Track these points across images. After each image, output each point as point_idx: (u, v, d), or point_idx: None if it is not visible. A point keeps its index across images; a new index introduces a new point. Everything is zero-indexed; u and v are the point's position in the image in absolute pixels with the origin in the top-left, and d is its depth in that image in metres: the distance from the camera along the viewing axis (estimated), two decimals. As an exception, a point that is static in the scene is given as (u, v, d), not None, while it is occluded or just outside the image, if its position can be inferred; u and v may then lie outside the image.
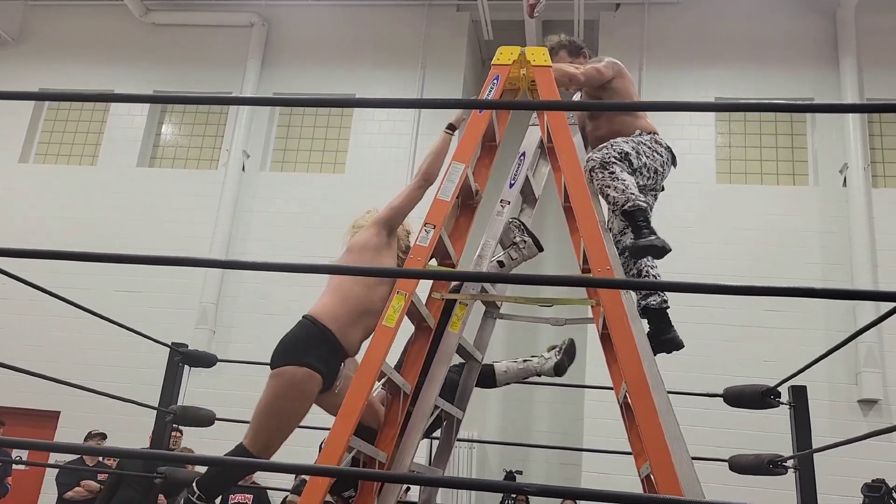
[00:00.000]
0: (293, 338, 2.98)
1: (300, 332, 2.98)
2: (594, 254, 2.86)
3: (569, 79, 3.64)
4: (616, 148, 3.48)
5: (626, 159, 3.47)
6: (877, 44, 9.19)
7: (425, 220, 2.94)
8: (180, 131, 10.69)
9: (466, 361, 3.51)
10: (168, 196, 9.89)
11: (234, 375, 8.30)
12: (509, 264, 3.36)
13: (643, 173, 3.55)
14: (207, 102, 2.26)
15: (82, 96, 2.14)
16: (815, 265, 8.50)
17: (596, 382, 6.21)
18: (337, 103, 1.91)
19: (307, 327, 2.98)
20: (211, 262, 4.76)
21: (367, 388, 2.52)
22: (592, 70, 3.68)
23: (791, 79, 9.31)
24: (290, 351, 2.92)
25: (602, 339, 2.92)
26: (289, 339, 2.99)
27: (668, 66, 9.53)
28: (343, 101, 1.96)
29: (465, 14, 10.26)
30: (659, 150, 3.63)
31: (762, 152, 9.29)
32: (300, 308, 8.53)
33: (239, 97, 10.07)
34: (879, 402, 7.86)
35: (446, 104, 2.10)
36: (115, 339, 8.01)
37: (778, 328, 8.15)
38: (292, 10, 10.59)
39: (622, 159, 3.46)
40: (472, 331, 3.56)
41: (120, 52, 10.73)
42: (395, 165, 9.61)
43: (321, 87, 10.19)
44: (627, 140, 3.56)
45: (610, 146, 3.49)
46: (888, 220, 8.48)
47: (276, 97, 9.99)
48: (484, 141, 3.48)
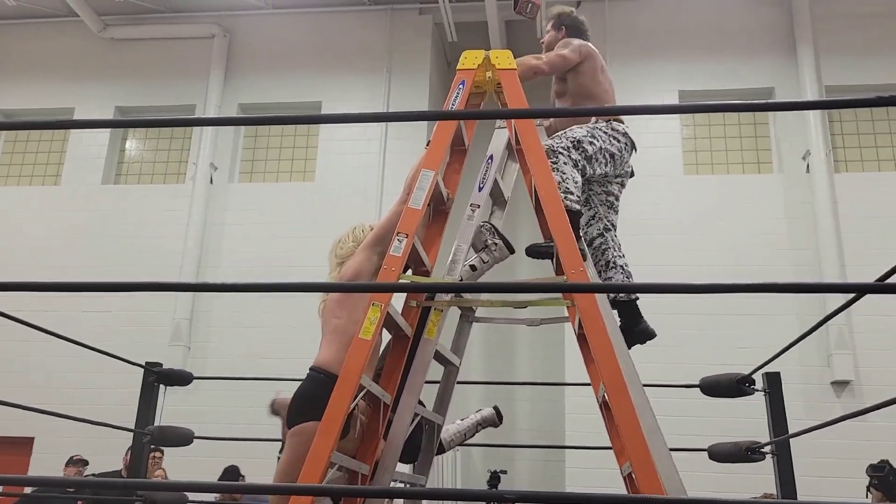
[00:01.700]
0: (306, 393, 2.94)
1: (312, 386, 2.94)
2: (566, 255, 2.88)
3: (533, 72, 3.67)
4: (568, 135, 3.53)
5: (578, 146, 3.50)
6: (832, 31, 9.37)
7: (397, 230, 2.94)
8: (145, 146, 10.57)
9: (445, 367, 3.51)
10: (136, 213, 9.77)
11: (211, 392, 8.24)
12: (482, 267, 3.37)
13: (599, 159, 3.58)
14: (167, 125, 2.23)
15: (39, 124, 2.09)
16: (784, 251, 8.64)
17: (575, 379, 6.26)
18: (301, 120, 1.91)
19: (317, 380, 2.94)
20: (180, 286, 4.71)
21: (347, 402, 2.52)
22: (556, 58, 3.71)
23: (752, 68, 9.45)
24: (307, 406, 2.87)
25: (579, 338, 2.94)
26: (302, 395, 2.95)
27: (632, 59, 9.63)
28: (308, 118, 1.96)
29: (428, 17, 10.27)
30: (616, 135, 3.66)
31: (727, 142, 9.43)
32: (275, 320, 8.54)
33: (201, 118, 9.97)
34: (851, 383, 8.01)
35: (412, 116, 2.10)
36: (87, 361, 7.89)
37: (750, 315, 8.27)
38: (253, 19, 10.52)
39: (574, 147, 3.50)
40: (448, 336, 3.57)
41: (80, 69, 10.59)
42: (366, 171, 9.60)
43: (287, 95, 10.15)
44: (583, 126, 3.61)
45: (563, 134, 3.54)
46: (851, 203, 8.65)
47: (237, 117, 9.94)
48: (453, 146, 3.48)
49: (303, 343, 4.51)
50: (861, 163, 9.12)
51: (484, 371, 9.82)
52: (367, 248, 3.17)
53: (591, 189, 3.77)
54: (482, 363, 9.89)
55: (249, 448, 6.23)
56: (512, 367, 9.87)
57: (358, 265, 3.14)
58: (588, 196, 3.76)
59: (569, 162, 3.47)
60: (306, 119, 1.88)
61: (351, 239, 3.38)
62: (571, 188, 3.40)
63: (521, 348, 9.94)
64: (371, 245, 3.17)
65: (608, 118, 3.69)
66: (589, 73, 3.77)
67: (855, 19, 9.38)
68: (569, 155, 3.50)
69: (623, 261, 3.71)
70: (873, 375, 8.02)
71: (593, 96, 3.78)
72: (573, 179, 3.43)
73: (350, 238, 3.39)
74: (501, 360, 9.90)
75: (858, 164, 9.11)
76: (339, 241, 3.42)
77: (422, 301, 3.07)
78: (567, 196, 3.32)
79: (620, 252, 3.75)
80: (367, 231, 3.43)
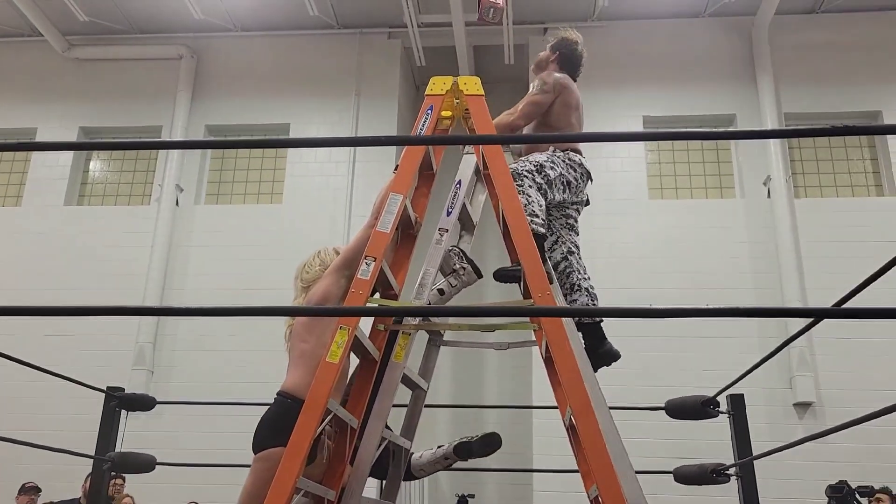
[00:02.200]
0: (272, 417, 2.89)
1: (278, 411, 2.89)
2: (533, 279, 2.91)
3: (510, 130, 3.76)
4: (531, 160, 3.62)
5: (541, 171, 3.59)
6: (790, 60, 9.63)
7: (365, 253, 2.94)
8: (109, 167, 10.44)
9: (413, 391, 3.50)
10: (99, 234, 9.62)
11: (175, 417, 8.10)
12: (450, 291, 3.38)
13: (558, 185, 3.66)
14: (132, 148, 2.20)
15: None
16: (746, 274, 8.79)
17: (543, 401, 6.27)
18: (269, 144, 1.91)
19: (284, 405, 2.88)
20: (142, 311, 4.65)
21: (313, 427, 2.49)
22: (529, 108, 3.77)
23: (714, 96, 9.67)
24: (272, 431, 2.82)
25: (546, 361, 2.95)
26: (268, 420, 2.90)
27: (598, 86, 9.77)
28: (275, 141, 1.96)
29: (397, 41, 10.35)
30: (572, 164, 3.75)
31: (690, 167, 9.60)
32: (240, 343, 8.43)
33: (167, 141, 9.91)
34: (813, 404, 8.14)
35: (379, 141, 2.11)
36: (48, 385, 7.72)
37: (714, 337, 8.38)
38: (222, 41, 10.50)
39: (538, 171, 3.58)
40: (416, 359, 3.56)
41: (43, 89, 10.45)
42: (334, 193, 9.58)
43: (255, 117, 10.11)
44: (543, 153, 3.69)
45: (526, 159, 3.63)
46: (811, 228, 8.85)
47: (204, 140, 9.87)
48: (421, 170, 3.51)
49: (269, 367, 4.47)
50: (819, 188, 9.35)
51: (452, 394, 9.80)
52: (335, 271, 3.15)
53: (551, 214, 3.82)
54: (450, 386, 9.87)
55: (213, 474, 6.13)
56: (480, 390, 9.86)
57: (326, 289, 3.11)
58: (549, 221, 3.81)
59: (533, 185, 3.53)
60: (273, 143, 1.89)
61: (317, 263, 3.35)
62: (536, 211, 3.45)
63: (489, 371, 9.94)
64: (339, 268, 3.15)
65: (565, 148, 3.77)
66: (559, 109, 3.84)
67: (812, 50, 9.66)
68: (533, 178, 3.56)
69: (588, 283, 3.76)
70: (834, 397, 8.16)
71: (562, 128, 3.85)
72: (538, 203, 3.49)
73: (316, 262, 3.36)
74: (469, 384, 9.89)
75: (817, 190, 9.33)
76: (304, 265, 3.39)
77: (390, 325, 3.06)
78: (532, 220, 3.36)
79: (585, 274, 3.79)
80: (331, 255, 3.41)
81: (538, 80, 3.92)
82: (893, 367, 8.14)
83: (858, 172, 9.39)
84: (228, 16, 10.24)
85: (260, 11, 10.16)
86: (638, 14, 9.96)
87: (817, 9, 9.75)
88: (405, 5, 9.25)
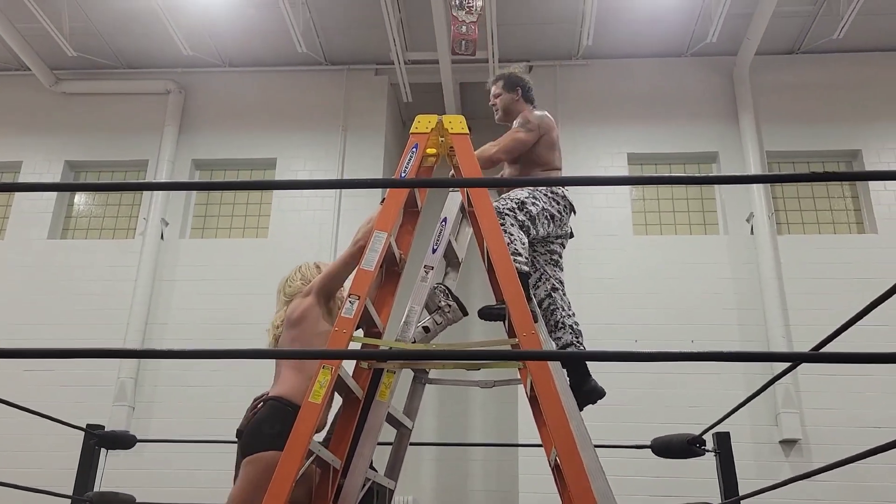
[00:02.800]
0: (266, 420, 2.88)
1: (273, 415, 2.88)
2: (518, 318, 2.91)
3: (492, 163, 3.79)
4: (513, 197, 3.65)
5: (522, 208, 3.61)
6: (771, 99, 9.80)
7: (349, 291, 2.94)
8: (95, 200, 10.39)
9: (397, 430, 3.47)
10: (82, 268, 9.54)
11: (155, 454, 7.96)
12: (435, 329, 3.38)
13: (541, 219, 3.68)
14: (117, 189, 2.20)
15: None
16: (731, 310, 8.82)
17: (529, 439, 6.23)
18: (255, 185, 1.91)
19: (279, 409, 2.88)
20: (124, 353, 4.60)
21: (295, 469, 2.46)
22: (513, 143, 3.81)
23: (697, 133, 9.79)
24: (266, 435, 2.81)
25: (531, 400, 2.94)
26: (263, 421, 2.89)
27: (582, 123, 9.90)
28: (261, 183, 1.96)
29: (384, 78, 10.44)
30: (556, 198, 3.78)
31: (674, 203, 9.69)
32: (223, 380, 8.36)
33: (153, 182, 9.91)
34: (799, 441, 8.13)
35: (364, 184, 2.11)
36: (27, 422, 7.58)
37: (699, 374, 8.38)
38: (210, 76, 10.55)
39: (519, 208, 3.60)
40: (401, 397, 3.54)
41: (30, 123, 10.43)
42: (319, 228, 9.57)
43: (241, 151, 10.13)
44: (524, 188, 3.72)
45: (508, 196, 3.66)
46: (794, 264, 8.92)
47: (190, 182, 9.88)
48: (406, 207, 3.52)
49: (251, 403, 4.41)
50: (802, 225, 9.44)
51: (437, 432, 9.71)
52: (315, 293, 3.21)
53: (535, 250, 3.84)
54: (435, 424, 9.78)
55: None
56: (465, 428, 9.78)
57: (305, 309, 3.17)
58: (533, 257, 3.83)
59: (515, 224, 3.55)
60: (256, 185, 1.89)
61: (298, 277, 3.43)
62: (519, 249, 3.46)
63: (474, 409, 9.87)
64: (318, 289, 3.21)
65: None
66: (542, 148, 3.89)
67: (793, 89, 9.83)
68: (515, 217, 3.58)
69: (572, 320, 3.76)
70: (821, 434, 8.15)
71: (543, 164, 3.89)
72: (520, 241, 3.51)
73: (297, 276, 3.43)
74: (454, 421, 9.81)
75: (800, 227, 9.43)
76: (286, 279, 3.46)
77: (373, 363, 3.05)
78: (516, 258, 3.37)
79: (570, 311, 3.80)
80: (312, 269, 3.47)
81: (520, 118, 3.96)
82: (879, 404, 8.16)
83: (840, 210, 9.50)
84: (217, 52, 10.31)
85: (248, 47, 10.24)
86: (621, 53, 10.13)
87: (797, 49, 9.95)
88: (392, 42, 9.36)
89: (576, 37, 9.89)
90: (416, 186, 3.49)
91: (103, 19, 9.79)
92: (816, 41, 9.64)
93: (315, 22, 9.75)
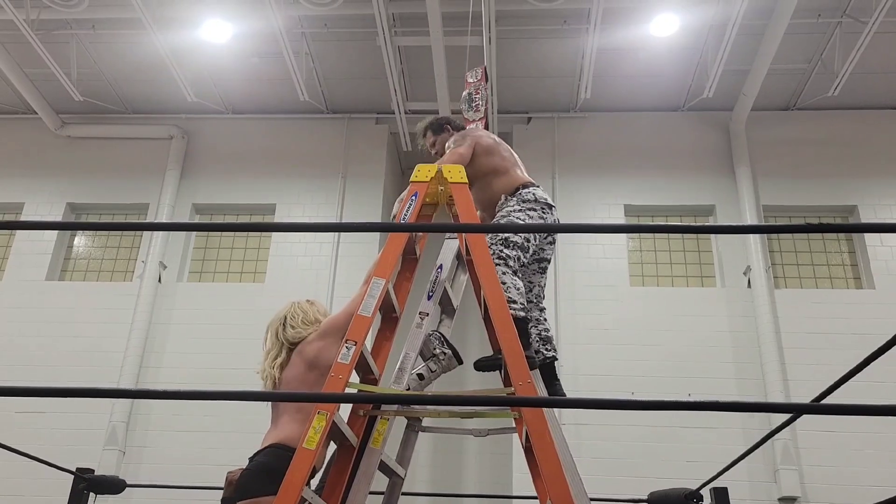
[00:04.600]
0: (266, 466, 2.85)
1: (273, 461, 2.85)
2: (514, 367, 2.90)
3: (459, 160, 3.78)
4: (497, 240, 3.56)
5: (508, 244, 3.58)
6: (767, 154, 9.92)
7: (346, 337, 2.94)
8: (94, 243, 10.41)
9: (390, 478, 3.43)
10: (79, 310, 9.51)
11: (145, 500, 7.83)
12: (429, 376, 3.36)
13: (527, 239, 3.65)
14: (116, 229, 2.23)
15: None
16: (728, 363, 8.78)
17: (524, 488, 6.13)
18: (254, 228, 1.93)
19: (280, 456, 2.85)
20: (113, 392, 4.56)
21: (287, 516, 2.43)
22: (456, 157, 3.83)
23: (694, 186, 9.89)
24: (265, 479, 2.77)
25: (526, 451, 2.91)
26: (262, 468, 2.86)
27: (579, 174, 10.00)
28: (258, 225, 1.98)
29: (384, 126, 10.58)
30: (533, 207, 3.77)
31: (671, 255, 9.72)
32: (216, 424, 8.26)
33: (153, 223, 9.96)
34: (798, 499, 8.00)
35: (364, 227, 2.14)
36: (16, 465, 7.47)
37: (696, 427, 8.30)
38: (213, 122, 10.68)
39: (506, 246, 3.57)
40: (394, 445, 3.50)
41: (33, 165, 10.52)
42: (317, 274, 9.58)
43: (241, 196, 10.19)
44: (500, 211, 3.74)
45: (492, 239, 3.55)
46: (791, 318, 8.91)
47: (188, 223, 9.91)
48: (405, 255, 3.54)
49: (243, 450, 4.36)
50: (799, 279, 9.47)
51: (430, 481, 9.56)
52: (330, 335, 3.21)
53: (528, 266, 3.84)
54: (428, 473, 9.64)
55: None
56: (459, 478, 9.63)
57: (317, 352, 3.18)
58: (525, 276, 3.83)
59: (508, 271, 3.52)
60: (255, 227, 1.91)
61: (300, 320, 3.38)
62: (514, 296, 3.45)
63: (468, 458, 9.74)
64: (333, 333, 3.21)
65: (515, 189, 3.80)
66: (482, 155, 3.93)
67: (788, 145, 9.97)
68: (506, 264, 3.54)
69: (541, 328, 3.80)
70: (820, 491, 8.04)
71: (497, 170, 3.91)
72: (514, 287, 3.49)
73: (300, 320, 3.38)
74: (448, 471, 9.66)
75: (797, 281, 9.45)
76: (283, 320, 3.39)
77: (369, 410, 3.03)
78: (511, 305, 3.36)
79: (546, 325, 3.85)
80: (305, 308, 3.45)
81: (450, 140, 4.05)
82: (878, 461, 8.06)
83: (837, 265, 9.54)
84: (221, 99, 10.46)
85: (252, 95, 10.39)
86: (619, 106, 10.28)
87: (792, 106, 10.11)
88: (393, 92, 9.50)
89: (574, 90, 10.05)
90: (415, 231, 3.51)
91: (111, 66, 9.96)
92: (812, 98, 9.81)
93: (318, 71, 9.92)
